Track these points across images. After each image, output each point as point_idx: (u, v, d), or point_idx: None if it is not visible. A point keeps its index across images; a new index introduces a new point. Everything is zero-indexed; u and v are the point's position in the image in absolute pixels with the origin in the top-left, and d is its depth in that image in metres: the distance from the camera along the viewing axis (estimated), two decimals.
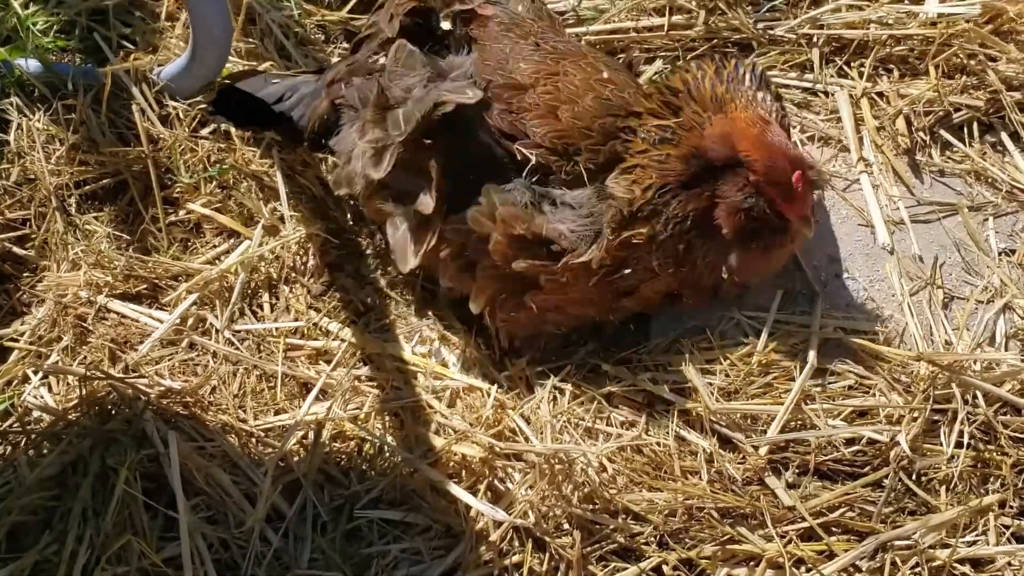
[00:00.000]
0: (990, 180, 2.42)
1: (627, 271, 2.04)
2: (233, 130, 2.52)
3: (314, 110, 2.32)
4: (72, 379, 2.18)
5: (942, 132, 2.48)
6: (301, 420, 2.11)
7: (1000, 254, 2.31)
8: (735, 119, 2.04)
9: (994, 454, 2.01)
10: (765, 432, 2.03)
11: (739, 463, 2.00)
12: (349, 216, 2.44)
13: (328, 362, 2.24)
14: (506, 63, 2.16)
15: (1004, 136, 2.48)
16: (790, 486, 1.99)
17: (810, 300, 2.24)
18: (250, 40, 2.70)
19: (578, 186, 2.07)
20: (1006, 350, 2.15)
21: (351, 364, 2.22)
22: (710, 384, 2.07)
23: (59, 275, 2.37)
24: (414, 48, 2.16)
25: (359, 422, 2.10)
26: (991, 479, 2.00)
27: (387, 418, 2.12)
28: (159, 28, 2.71)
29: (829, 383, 2.10)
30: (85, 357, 2.26)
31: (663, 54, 2.66)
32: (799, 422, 2.05)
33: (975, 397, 2.03)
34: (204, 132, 2.55)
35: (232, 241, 2.43)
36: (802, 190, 2.00)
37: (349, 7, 2.76)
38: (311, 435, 2.10)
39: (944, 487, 1.98)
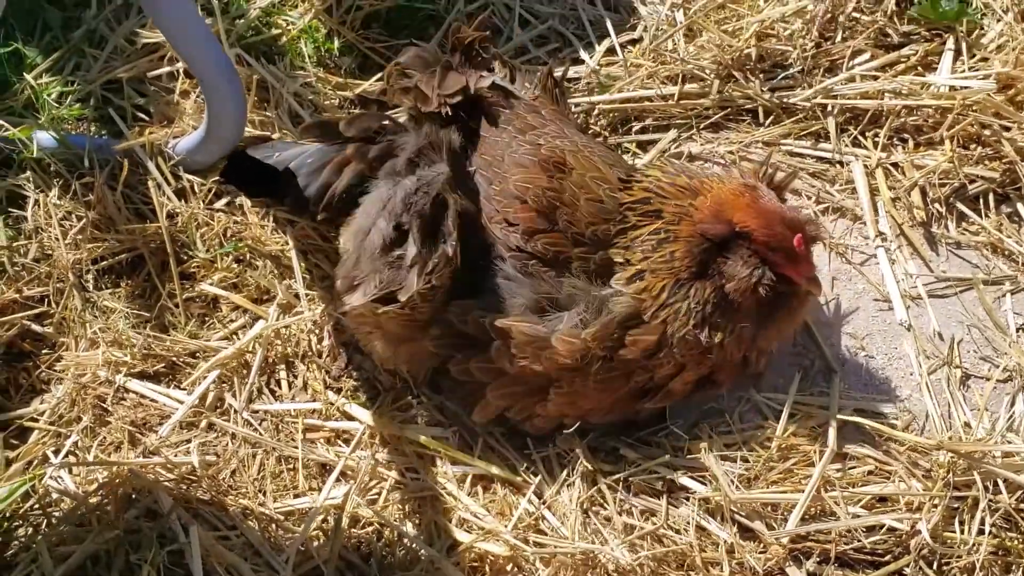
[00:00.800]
0: (1007, 253, 2.42)
1: (643, 374, 2.05)
2: (246, 202, 2.53)
3: (326, 185, 2.25)
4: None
5: (958, 204, 2.48)
6: (321, 505, 2.12)
7: (1018, 331, 2.30)
8: (720, 193, 2.03)
9: (1016, 542, 2.01)
10: (786, 520, 2.03)
11: (760, 553, 2.01)
12: None
13: (347, 442, 2.25)
14: (502, 161, 2.13)
15: (1020, 207, 2.48)
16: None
17: (828, 379, 2.24)
18: (265, 112, 2.71)
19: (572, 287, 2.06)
20: None
21: (370, 447, 2.23)
22: (729, 472, 2.07)
23: (78, 354, 2.38)
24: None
25: (379, 509, 2.11)
26: (1013, 568, 2.00)
27: (407, 505, 2.13)
28: (174, 99, 2.71)
29: (849, 468, 2.10)
30: (105, 439, 2.27)
31: (677, 123, 2.67)
32: (819, 509, 2.05)
33: (996, 484, 2.03)
34: (219, 204, 2.56)
35: (249, 316, 2.44)
36: (804, 251, 2.02)
37: (374, 79, 2.76)
38: (331, 520, 2.11)
39: None
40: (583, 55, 2.78)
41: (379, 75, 2.84)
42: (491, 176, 2.13)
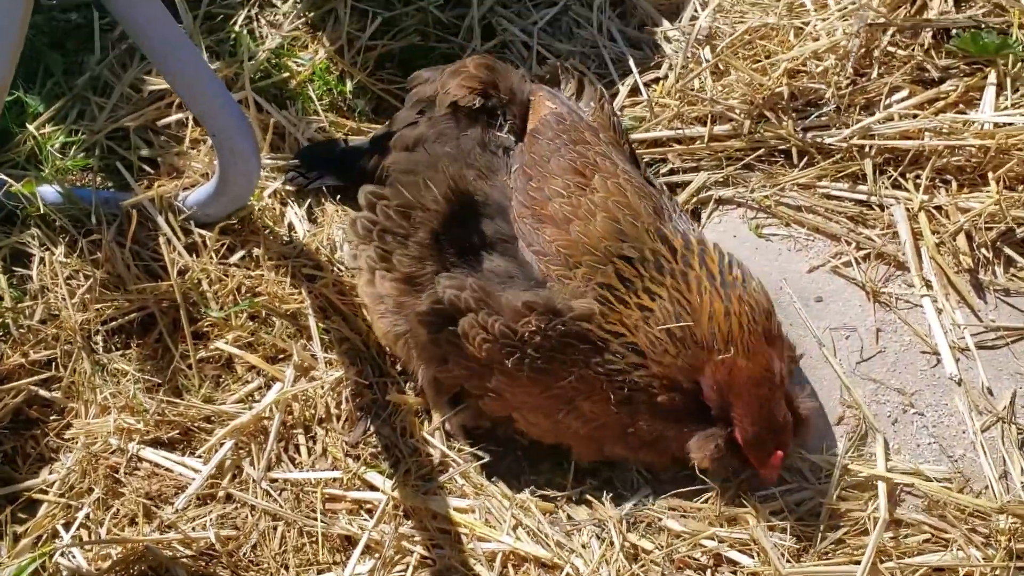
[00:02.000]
0: None
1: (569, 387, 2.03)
2: (262, 257, 2.43)
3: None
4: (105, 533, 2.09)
5: (1005, 248, 2.37)
6: None
7: None
8: (737, 369, 1.94)
9: None
10: None
11: None
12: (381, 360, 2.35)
13: (370, 513, 2.15)
14: (547, 162, 2.15)
15: None
16: None
17: (875, 439, 2.13)
18: (278, 158, 2.61)
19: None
20: None
21: (393, 519, 2.12)
22: (779, 545, 1.96)
23: (88, 421, 2.28)
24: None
25: None
26: None
27: None
28: (183, 149, 2.62)
29: (904, 536, 1.99)
30: (118, 511, 2.17)
31: (705, 164, 2.56)
32: None
33: None
34: (234, 259, 2.46)
35: (265, 377, 2.34)
36: (776, 463, 1.97)
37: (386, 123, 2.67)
38: None
39: None
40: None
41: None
42: (533, 173, 2.15)
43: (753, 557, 1.98)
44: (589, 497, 2.14)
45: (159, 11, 2.13)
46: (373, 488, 2.17)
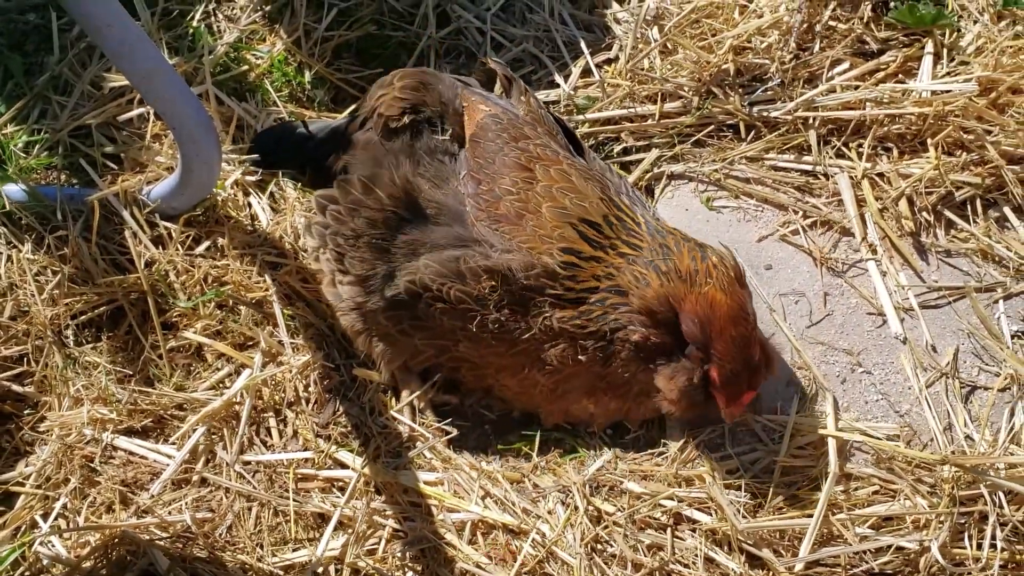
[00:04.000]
0: (997, 258, 2.41)
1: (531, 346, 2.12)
2: (227, 247, 2.48)
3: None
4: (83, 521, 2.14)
5: (946, 211, 2.46)
6: (320, 558, 2.07)
7: (1013, 338, 2.29)
8: (717, 303, 1.99)
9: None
10: (794, 546, 2.01)
11: None
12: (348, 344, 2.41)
13: (342, 490, 2.21)
14: (492, 163, 2.21)
15: (1008, 211, 2.47)
16: None
17: (825, 398, 2.22)
18: (239, 149, 2.65)
19: None
20: None
21: (365, 494, 2.18)
22: (735, 501, 2.04)
23: (61, 413, 2.32)
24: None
25: (378, 560, 2.07)
26: None
27: (407, 555, 2.09)
28: (145, 144, 2.65)
29: (854, 489, 2.08)
30: (95, 500, 2.21)
31: (657, 141, 2.64)
32: (827, 533, 2.03)
33: (1001, 497, 2.02)
34: (199, 250, 2.51)
35: (234, 364, 2.38)
36: (746, 401, 2.04)
37: (348, 111, 2.72)
38: (331, 572, 2.07)
39: None
40: (558, 78, 2.75)
41: (353, 106, 2.81)
42: (481, 177, 2.20)
43: (711, 514, 2.06)
44: (554, 465, 2.21)
45: (117, 9, 2.15)
46: (344, 466, 2.23)
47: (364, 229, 2.21)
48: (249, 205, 2.57)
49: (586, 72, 2.77)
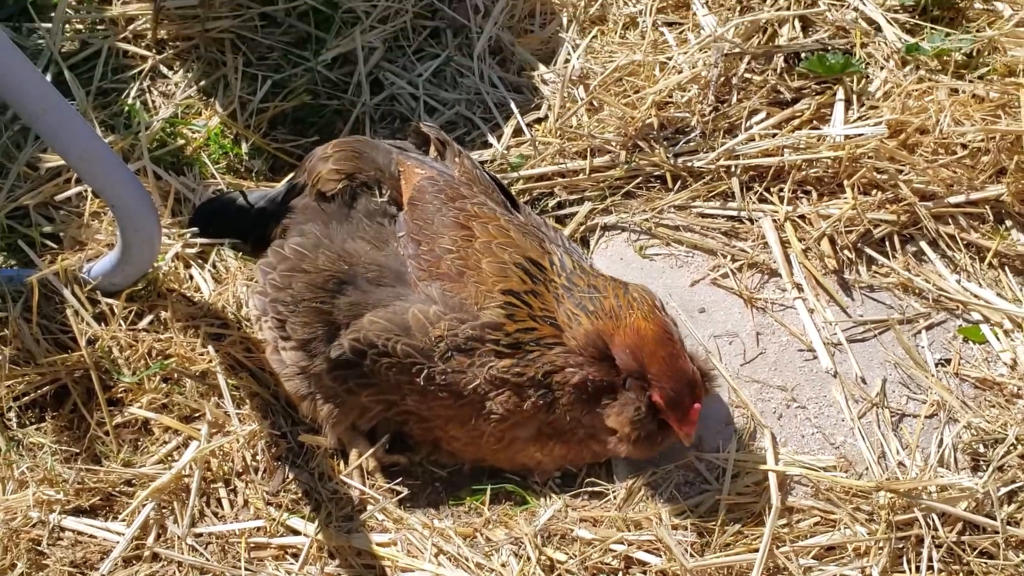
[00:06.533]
0: (917, 291, 2.52)
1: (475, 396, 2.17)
2: (171, 320, 2.49)
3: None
4: None
5: (866, 248, 2.58)
6: None
7: (937, 365, 2.40)
8: (643, 330, 2.08)
9: (961, 575, 2.07)
10: None
11: None
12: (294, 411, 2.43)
13: (295, 557, 2.21)
14: (431, 224, 2.27)
15: (924, 245, 2.59)
16: None
17: (764, 434, 2.29)
18: (179, 216, 2.69)
19: None
20: (956, 464, 2.22)
21: (319, 560, 2.19)
22: (682, 541, 2.09)
23: (6, 497, 2.29)
24: None
25: None
26: None
27: None
28: (83, 222, 2.67)
29: (796, 522, 2.14)
30: None
31: (589, 194, 2.73)
32: (773, 566, 2.08)
33: (935, 519, 2.10)
34: (142, 324, 2.52)
35: (182, 437, 2.39)
36: (695, 416, 2.10)
37: (286, 179, 2.77)
38: None
39: None
40: (491, 138, 2.84)
41: (292, 174, 2.86)
42: (421, 238, 2.25)
43: (660, 556, 2.10)
44: (506, 517, 2.24)
45: (50, 94, 2.19)
46: (296, 533, 2.24)
47: (303, 294, 2.25)
48: (191, 277, 2.60)
49: (517, 131, 2.86)
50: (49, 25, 3.05)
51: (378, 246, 2.29)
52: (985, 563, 2.08)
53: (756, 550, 2.07)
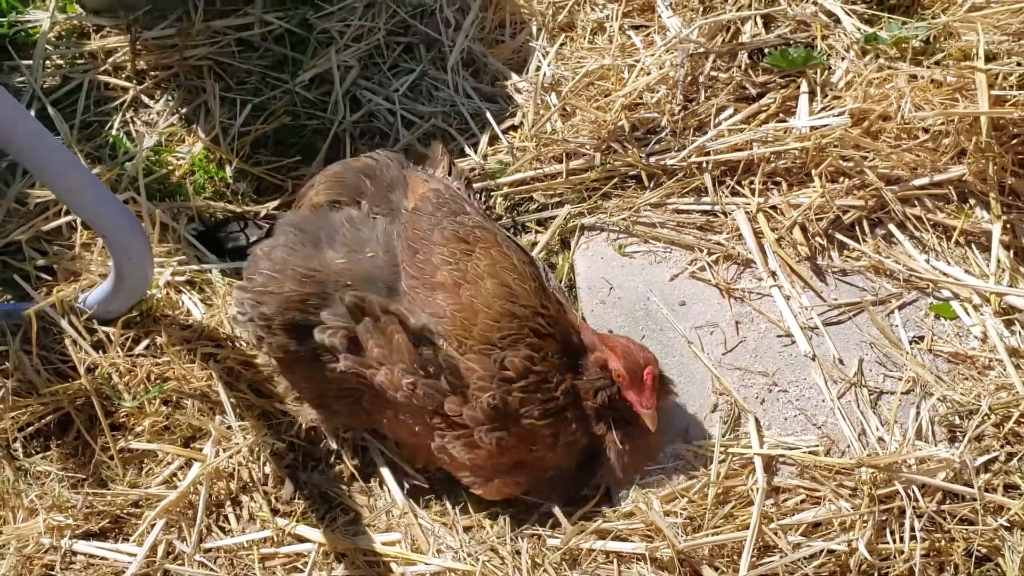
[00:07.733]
0: (888, 272, 2.61)
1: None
2: (167, 343, 2.56)
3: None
4: None
5: (836, 234, 2.66)
6: None
7: (911, 343, 2.48)
8: (610, 338, 2.29)
9: (944, 542, 2.15)
10: (734, 562, 2.13)
11: None
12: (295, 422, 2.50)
13: (305, 565, 2.28)
14: (431, 235, 2.31)
15: (892, 228, 2.67)
16: None
17: (748, 419, 2.37)
18: (166, 244, 2.75)
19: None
20: (933, 436, 2.31)
21: (326, 565, 2.26)
22: (674, 525, 2.17)
23: (17, 526, 2.35)
24: None
25: None
26: (946, 566, 2.15)
27: None
28: (75, 253, 2.73)
29: (783, 501, 2.22)
30: None
31: (568, 197, 2.80)
32: (762, 543, 2.16)
33: (916, 491, 2.18)
34: (140, 349, 2.58)
35: (186, 456, 2.45)
36: (650, 380, 2.20)
37: (275, 203, 2.84)
38: None
39: None
40: (467, 149, 2.91)
41: (276, 196, 2.94)
42: (418, 247, 2.30)
43: (653, 541, 2.18)
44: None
45: (37, 129, 2.24)
46: (304, 540, 2.31)
47: (271, 314, 2.28)
48: (181, 303, 2.67)
49: (494, 139, 2.94)
50: (30, 62, 3.12)
51: (357, 250, 2.32)
52: (966, 529, 2.17)
53: (747, 527, 2.16)
